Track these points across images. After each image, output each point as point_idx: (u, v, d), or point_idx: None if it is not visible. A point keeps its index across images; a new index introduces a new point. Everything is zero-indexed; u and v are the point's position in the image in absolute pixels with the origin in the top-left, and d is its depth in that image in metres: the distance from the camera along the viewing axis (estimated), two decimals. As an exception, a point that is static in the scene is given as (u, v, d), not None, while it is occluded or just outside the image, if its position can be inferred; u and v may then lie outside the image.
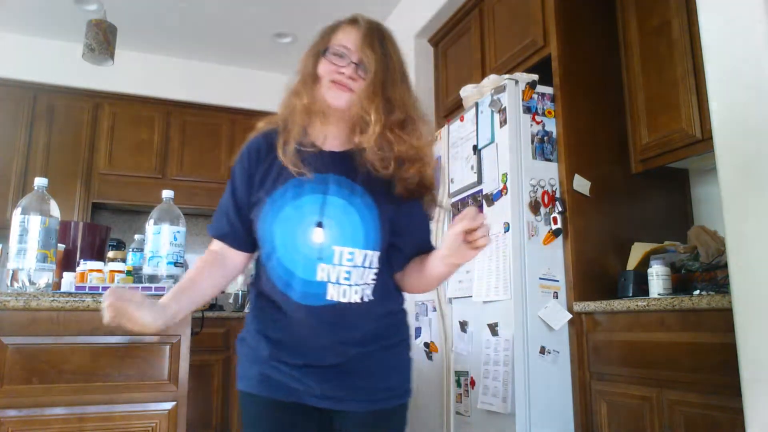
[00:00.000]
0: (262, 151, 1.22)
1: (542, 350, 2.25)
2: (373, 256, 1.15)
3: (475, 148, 2.57)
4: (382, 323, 1.20)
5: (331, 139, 1.21)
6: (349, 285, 1.13)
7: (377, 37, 1.18)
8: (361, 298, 1.15)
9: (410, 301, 3.22)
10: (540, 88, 2.46)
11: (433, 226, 1.31)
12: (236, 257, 1.25)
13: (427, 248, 1.25)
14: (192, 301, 1.19)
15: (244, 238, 1.23)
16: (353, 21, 1.20)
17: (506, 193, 2.35)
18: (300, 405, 1.16)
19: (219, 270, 1.24)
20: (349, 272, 1.13)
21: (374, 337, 1.19)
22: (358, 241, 1.14)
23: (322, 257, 1.12)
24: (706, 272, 2.09)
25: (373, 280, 1.17)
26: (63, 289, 1.86)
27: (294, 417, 1.17)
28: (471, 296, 2.45)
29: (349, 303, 1.13)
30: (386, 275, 1.21)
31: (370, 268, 1.15)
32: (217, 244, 1.26)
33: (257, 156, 1.22)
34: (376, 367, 1.19)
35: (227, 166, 4.50)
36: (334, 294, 1.12)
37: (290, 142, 1.17)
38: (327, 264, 1.12)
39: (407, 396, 1.24)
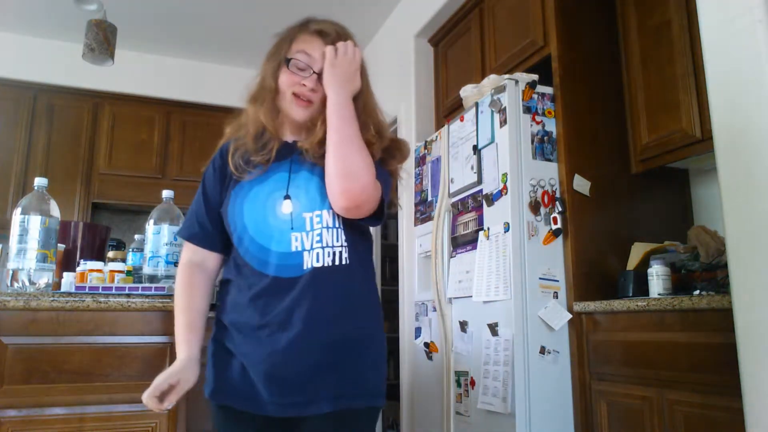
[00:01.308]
0: (228, 152, 1.26)
1: (542, 350, 2.25)
2: (334, 215, 1.16)
3: (475, 148, 2.57)
4: (356, 296, 1.17)
5: (286, 130, 1.26)
6: (322, 248, 1.13)
7: (339, 39, 1.20)
8: (334, 261, 1.13)
9: (410, 302, 3.22)
10: (540, 88, 2.46)
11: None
12: (210, 260, 1.26)
13: None
14: (203, 326, 1.22)
15: (215, 237, 1.24)
16: (311, 28, 1.22)
17: (506, 193, 2.35)
18: (262, 417, 1.14)
19: (203, 279, 1.25)
20: (320, 234, 1.13)
21: (349, 317, 1.15)
22: (324, 203, 1.15)
23: (294, 227, 1.13)
24: (706, 272, 2.09)
25: (346, 241, 1.16)
26: (63, 289, 1.86)
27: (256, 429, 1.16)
28: (471, 296, 2.45)
29: (323, 266, 1.12)
30: (358, 236, 1.21)
31: (341, 228, 1.16)
32: (186, 254, 1.26)
33: (225, 158, 1.25)
34: (349, 361, 1.13)
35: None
36: (308, 261, 1.12)
37: (262, 135, 1.22)
38: (299, 232, 1.13)
39: (380, 399, 1.17)
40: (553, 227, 2.36)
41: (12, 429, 1.45)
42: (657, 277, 2.12)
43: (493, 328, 2.32)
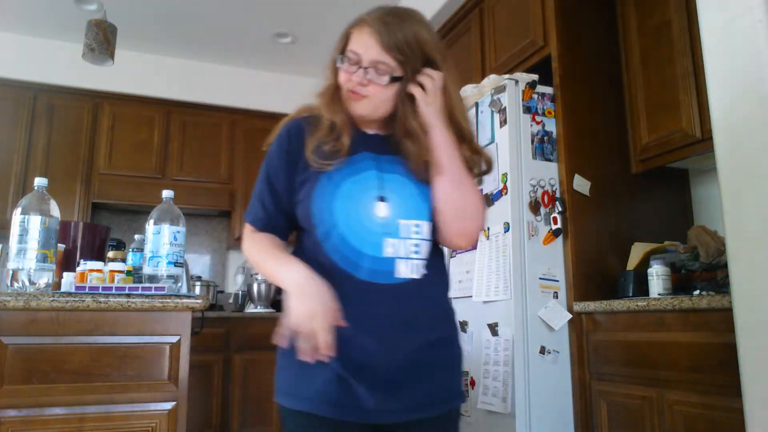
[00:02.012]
0: (306, 131, 1.16)
1: (542, 350, 2.25)
2: (430, 228, 1.14)
3: (475, 148, 2.57)
4: (441, 304, 1.17)
5: (368, 123, 1.19)
6: (419, 259, 1.11)
7: (396, 28, 1.11)
8: (425, 272, 1.12)
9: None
10: (540, 88, 2.46)
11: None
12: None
13: None
14: None
15: (282, 225, 1.17)
16: (363, 21, 1.15)
17: (506, 193, 2.35)
18: (356, 424, 1.07)
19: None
20: (417, 245, 1.11)
21: (436, 325, 1.15)
22: (422, 214, 1.12)
23: (388, 232, 1.09)
24: (706, 272, 2.09)
25: (435, 254, 1.15)
26: (63, 289, 1.86)
27: None
28: (471, 296, 2.45)
29: (416, 278, 1.10)
30: (437, 248, 1.18)
31: (430, 240, 1.14)
32: (251, 231, 1.18)
33: (300, 136, 1.16)
34: (438, 364, 1.13)
35: (227, 166, 4.51)
36: (403, 271, 1.09)
37: (335, 126, 1.14)
38: (394, 238, 1.09)
39: (462, 399, 1.19)
40: (553, 227, 2.36)
41: (12, 429, 1.45)
42: (657, 277, 2.12)
43: (493, 328, 2.32)
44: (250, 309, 4.15)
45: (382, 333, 1.07)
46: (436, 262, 1.16)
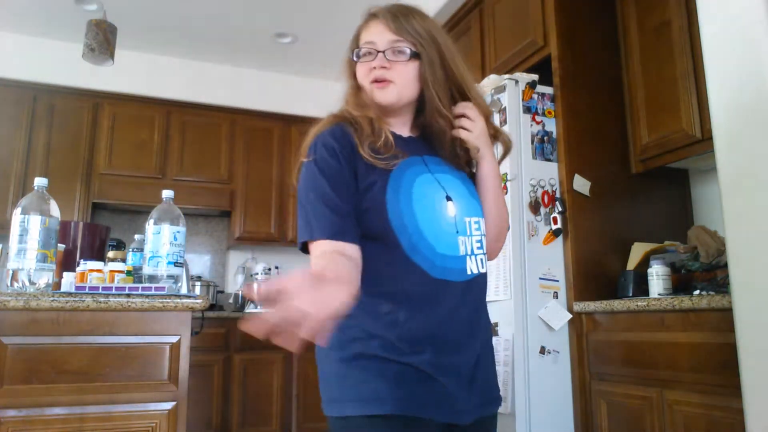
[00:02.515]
0: (350, 133, 1.09)
1: (542, 350, 2.25)
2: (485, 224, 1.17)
3: (475, 148, 2.57)
4: (487, 303, 1.19)
5: (400, 126, 1.18)
6: (483, 254, 1.13)
7: (404, 15, 1.14)
8: (486, 269, 1.14)
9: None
10: (540, 88, 2.46)
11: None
12: (354, 253, 1.02)
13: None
14: None
15: (357, 229, 1.05)
16: (372, 15, 1.17)
17: (506, 193, 2.35)
18: (438, 424, 1.02)
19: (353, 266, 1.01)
20: (480, 241, 1.12)
21: (488, 322, 1.18)
22: (478, 210, 1.15)
23: (459, 230, 1.09)
24: (706, 272, 2.09)
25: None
26: (63, 289, 1.86)
27: None
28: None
29: (481, 273, 1.11)
30: None
31: (486, 235, 1.16)
32: (323, 249, 1.01)
33: (346, 138, 1.08)
34: (491, 362, 1.16)
35: (227, 166, 4.50)
36: (472, 267, 1.10)
37: (376, 130, 1.11)
38: (464, 236, 1.10)
39: (501, 401, 1.17)
40: (553, 227, 2.36)
41: (12, 429, 1.45)
42: (657, 277, 2.12)
43: (493, 328, 2.33)
44: (250, 309, 4.15)
45: (462, 330, 1.07)
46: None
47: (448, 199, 1.10)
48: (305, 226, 1.04)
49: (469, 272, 1.09)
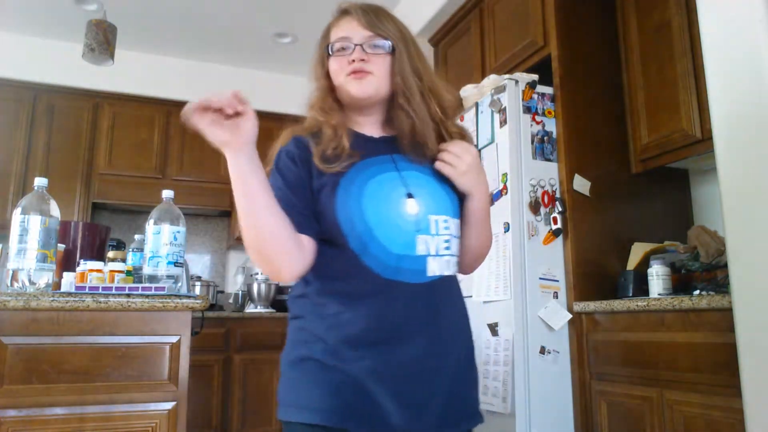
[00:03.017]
0: (309, 142, 1.09)
1: (542, 350, 2.25)
2: (458, 225, 1.12)
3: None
4: (464, 309, 1.13)
5: (369, 126, 1.16)
6: (450, 255, 1.08)
7: (376, 12, 1.14)
8: (454, 271, 1.10)
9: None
10: (540, 88, 2.46)
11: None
12: (306, 242, 1.03)
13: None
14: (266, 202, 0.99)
15: (313, 225, 1.04)
16: (344, 11, 1.16)
17: (506, 193, 2.35)
18: None
19: (296, 243, 1.01)
20: (448, 241, 1.07)
21: (465, 331, 1.11)
22: (448, 209, 1.09)
23: (420, 228, 1.04)
24: (706, 272, 2.09)
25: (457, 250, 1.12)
26: (63, 289, 1.86)
27: None
28: (471, 296, 2.45)
29: (446, 276, 1.07)
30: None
31: (458, 237, 1.12)
32: None
33: (306, 146, 1.09)
34: (464, 377, 1.08)
35: (227, 166, 4.49)
36: (435, 268, 1.04)
37: (337, 136, 1.09)
38: (425, 235, 1.04)
39: (481, 419, 1.09)
40: (553, 227, 2.36)
41: (12, 429, 1.45)
42: (657, 277, 2.12)
43: (493, 328, 2.32)
44: (250, 309, 4.15)
45: (417, 337, 1.01)
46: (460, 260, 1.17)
47: (410, 196, 1.06)
48: None
49: (430, 273, 1.04)
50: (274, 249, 0.99)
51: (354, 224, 1.02)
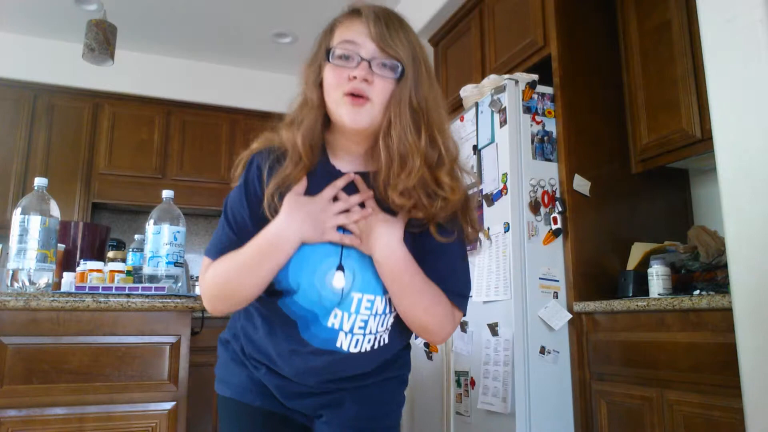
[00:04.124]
0: (269, 169, 0.98)
1: (542, 350, 2.25)
2: (386, 301, 1.01)
3: (475, 148, 2.57)
4: (386, 361, 1.08)
5: (343, 154, 1.01)
6: (363, 334, 0.99)
7: (392, 22, 0.95)
8: (373, 346, 1.01)
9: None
10: (540, 88, 2.46)
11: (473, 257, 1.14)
12: None
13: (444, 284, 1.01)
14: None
15: None
16: (355, 10, 0.97)
17: (506, 193, 2.35)
18: (287, 417, 1.08)
19: None
20: (365, 321, 0.98)
21: (373, 372, 1.07)
22: (379, 288, 0.98)
23: (340, 303, 0.97)
24: (706, 272, 2.09)
25: (391, 324, 1.02)
26: (63, 289, 1.86)
27: (279, 427, 1.08)
28: (471, 296, 2.45)
29: (360, 352, 1.00)
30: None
31: (391, 313, 1.01)
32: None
33: (260, 175, 0.99)
34: (367, 399, 1.07)
35: (227, 166, 4.50)
36: (344, 343, 0.99)
37: (298, 170, 0.96)
38: (342, 311, 0.98)
39: None
40: (553, 227, 2.36)
41: (12, 429, 1.45)
42: (657, 277, 2.12)
43: (493, 328, 2.32)
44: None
45: (311, 382, 1.04)
46: (401, 325, 1.03)
47: (340, 268, 0.96)
48: (214, 243, 1.02)
49: (339, 345, 0.99)
50: (241, 302, 1.01)
51: (280, 281, 0.98)
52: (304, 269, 0.97)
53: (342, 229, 0.97)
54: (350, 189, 0.98)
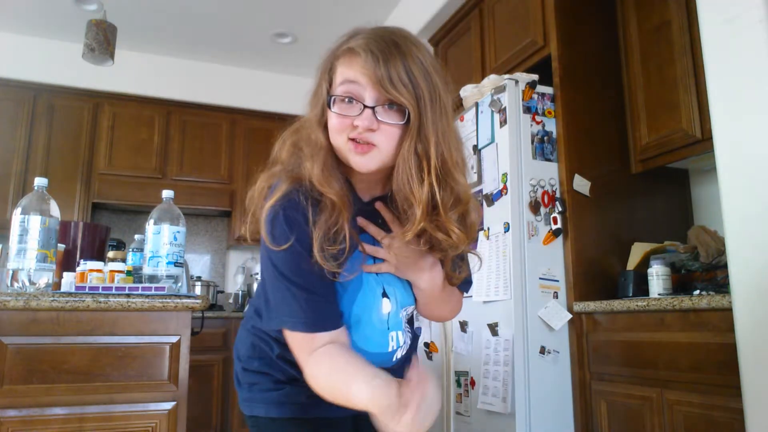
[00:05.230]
0: (308, 215, 0.92)
1: (542, 350, 2.25)
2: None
3: (475, 148, 2.57)
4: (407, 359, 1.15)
5: (361, 181, 0.99)
6: (407, 331, 1.08)
7: (392, 57, 0.87)
8: (407, 347, 1.10)
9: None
10: (540, 88, 2.46)
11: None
12: (345, 338, 0.98)
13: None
14: None
15: (337, 309, 0.99)
16: (350, 48, 0.90)
17: (506, 193, 2.35)
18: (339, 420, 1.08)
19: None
20: (408, 324, 1.08)
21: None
22: (410, 297, 1.06)
23: (390, 326, 1.02)
24: (706, 272, 2.09)
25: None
26: (63, 289, 1.86)
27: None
28: (471, 296, 2.45)
29: (405, 357, 1.08)
30: None
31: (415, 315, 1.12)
32: (311, 344, 0.93)
33: (304, 224, 0.92)
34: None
35: (227, 166, 4.50)
36: (399, 355, 1.06)
37: (335, 212, 0.92)
38: (395, 331, 1.04)
39: None
40: (553, 227, 2.36)
41: (12, 429, 1.45)
42: (657, 277, 2.12)
43: (493, 328, 2.32)
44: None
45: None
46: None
47: (384, 294, 1.01)
48: (292, 314, 0.93)
49: (394, 359, 1.05)
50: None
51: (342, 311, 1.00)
52: (363, 308, 1.00)
53: (372, 258, 1.00)
54: (374, 215, 1.00)
